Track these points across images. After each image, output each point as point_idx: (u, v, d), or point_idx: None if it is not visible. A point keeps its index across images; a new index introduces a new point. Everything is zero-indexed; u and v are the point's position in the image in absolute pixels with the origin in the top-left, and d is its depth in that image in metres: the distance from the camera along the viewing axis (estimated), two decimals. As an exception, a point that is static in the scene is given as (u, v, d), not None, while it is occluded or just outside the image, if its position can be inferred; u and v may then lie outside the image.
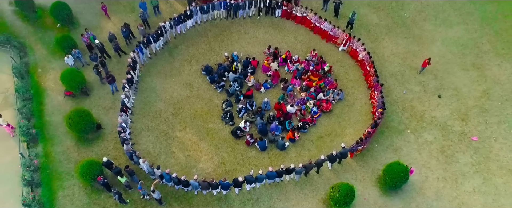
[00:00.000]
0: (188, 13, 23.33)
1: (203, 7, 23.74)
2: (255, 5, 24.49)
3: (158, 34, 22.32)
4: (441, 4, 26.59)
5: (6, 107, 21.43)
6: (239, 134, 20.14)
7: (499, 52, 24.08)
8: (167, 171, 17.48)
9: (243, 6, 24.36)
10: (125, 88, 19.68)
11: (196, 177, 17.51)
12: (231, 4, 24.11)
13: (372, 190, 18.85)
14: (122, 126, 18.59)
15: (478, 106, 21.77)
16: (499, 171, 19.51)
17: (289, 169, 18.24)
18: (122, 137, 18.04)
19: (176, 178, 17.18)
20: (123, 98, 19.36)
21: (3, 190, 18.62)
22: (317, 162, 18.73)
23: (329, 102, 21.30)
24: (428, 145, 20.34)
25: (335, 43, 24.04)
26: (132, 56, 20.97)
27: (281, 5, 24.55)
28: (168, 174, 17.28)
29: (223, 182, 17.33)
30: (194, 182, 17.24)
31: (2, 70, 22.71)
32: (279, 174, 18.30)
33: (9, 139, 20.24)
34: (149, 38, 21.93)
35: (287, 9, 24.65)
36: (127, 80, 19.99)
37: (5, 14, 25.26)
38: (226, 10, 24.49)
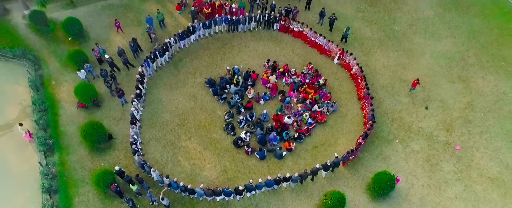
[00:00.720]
0: (191, 29, 24.85)
1: (206, 23, 25.28)
2: (255, 20, 26.01)
3: (164, 49, 23.86)
4: (431, 17, 28.11)
5: (23, 117, 23.08)
6: (240, 143, 21.80)
7: (484, 65, 25.65)
8: (175, 180, 19.16)
9: (244, 21, 25.90)
10: (134, 102, 21.31)
11: (202, 185, 19.17)
12: (232, 19, 25.65)
13: (362, 197, 20.54)
14: (134, 138, 20.22)
15: (462, 117, 23.40)
16: (479, 179, 21.20)
17: (286, 177, 19.94)
18: (133, 148, 19.70)
19: (183, 186, 18.88)
20: (132, 111, 20.99)
21: (24, 196, 20.32)
22: (312, 171, 20.40)
23: (323, 114, 22.92)
24: (414, 154, 22.01)
25: (329, 56, 25.60)
26: (140, 71, 22.54)
27: (279, 19, 26.07)
28: (176, 183, 18.97)
29: (227, 190, 19.03)
30: (200, 190, 18.93)
31: (19, 82, 24.33)
32: (276, 182, 20.00)
33: (27, 148, 21.89)
34: (156, 53, 23.50)
35: (285, 23, 26.17)
36: (135, 95, 21.60)
37: (19, 27, 26.83)
38: (227, 25, 26.02)
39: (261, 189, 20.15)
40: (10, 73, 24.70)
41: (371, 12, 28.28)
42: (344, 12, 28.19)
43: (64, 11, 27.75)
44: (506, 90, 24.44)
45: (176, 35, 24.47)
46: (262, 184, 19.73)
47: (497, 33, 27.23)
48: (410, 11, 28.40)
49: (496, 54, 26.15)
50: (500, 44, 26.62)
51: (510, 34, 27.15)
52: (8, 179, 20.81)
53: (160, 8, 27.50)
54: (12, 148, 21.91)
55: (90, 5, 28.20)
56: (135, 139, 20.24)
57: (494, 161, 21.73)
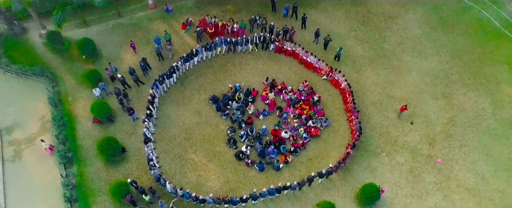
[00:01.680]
0: (194, 52, 27.01)
1: (207, 46, 27.40)
2: (251, 42, 28.14)
3: (171, 72, 26.02)
4: (419, 36, 30.26)
5: (43, 131, 25.34)
6: (241, 156, 24.08)
7: (466, 82, 27.85)
8: (187, 191, 21.49)
9: (241, 43, 28.03)
10: (145, 122, 23.52)
11: (212, 195, 21.55)
12: (231, 41, 27.79)
13: (351, 205, 22.84)
14: (149, 155, 22.46)
15: (444, 131, 25.65)
16: (457, 189, 23.49)
17: (286, 186, 22.28)
18: (150, 164, 21.93)
19: (195, 196, 21.21)
20: (144, 131, 23.20)
21: (48, 205, 22.62)
22: (309, 178, 22.73)
23: (317, 129, 25.18)
24: (399, 166, 24.29)
25: (319, 74, 27.74)
26: (151, 93, 24.74)
27: (274, 41, 28.20)
28: (189, 193, 21.33)
29: (235, 199, 21.37)
30: (210, 199, 21.30)
31: (38, 99, 26.56)
32: (278, 191, 22.32)
33: (47, 161, 24.16)
34: (163, 76, 25.66)
35: (279, 44, 28.28)
36: (146, 115, 23.81)
37: (37, 46, 29.02)
38: (226, 46, 28.15)
39: (264, 197, 22.41)
40: (30, 90, 26.91)
41: (363, 31, 30.41)
42: (338, 31, 30.33)
43: (78, 30, 29.91)
44: (485, 107, 26.64)
45: (181, 58, 26.58)
46: (265, 192, 22.04)
47: (479, 51, 29.36)
48: (400, 30, 30.53)
49: (478, 72, 28.32)
50: (481, 62, 28.77)
51: (491, 53, 29.27)
52: (32, 189, 23.09)
53: (167, 27, 29.77)
54: (35, 160, 24.19)
55: (102, 24, 30.33)
56: (150, 157, 22.44)
57: (471, 173, 24.00)
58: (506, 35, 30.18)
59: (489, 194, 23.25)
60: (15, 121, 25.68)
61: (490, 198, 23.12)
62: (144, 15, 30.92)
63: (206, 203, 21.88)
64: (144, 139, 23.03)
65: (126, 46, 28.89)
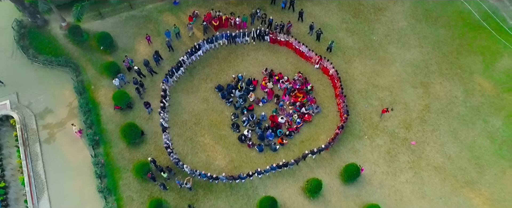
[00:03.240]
0: (198, 46, 30.24)
1: (209, 39, 30.56)
2: (249, 35, 31.25)
3: (178, 66, 29.42)
4: (404, 28, 33.29)
5: (72, 117, 29.19)
6: (243, 139, 28.11)
7: (443, 72, 31.30)
8: (203, 172, 25.70)
9: (240, 36, 31.17)
10: (161, 114, 27.31)
11: (224, 174, 25.87)
12: (230, 34, 30.92)
13: (336, 181, 27.12)
14: (166, 143, 26.48)
15: (419, 117, 29.49)
16: (426, 167, 27.71)
17: (285, 163, 26.51)
18: (168, 151, 25.99)
19: (210, 176, 25.49)
20: (161, 122, 27.03)
21: (81, 180, 26.94)
22: (303, 155, 26.95)
23: (309, 115, 29.01)
24: (378, 147, 28.37)
25: (310, 62, 31.11)
26: (163, 88, 28.32)
27: (268, 33, 31.28)
28: (205, 174, 25.56)
29: (243, 176, 25.65)
30: (222, 177, 25.61)
31: (64, 87, 30.16)
32: (279, 167, 26.57)
33: (78, 143, 28.19)
34: (172, 70, 29.06)
35: (273, 36, 31.40)
36: (160, 108, 27.56)
37: (58, 37, 32.18)
38: (227, 40, 31.30)
39: (267, 173, 26.68)
40: (57, 79, 30.43)
41: (354, 23, 33.39)
42: (331, 23, 33.31)
43: (94, 22, 32.94)
44: (458, 95, 30.30)
45: (187, 52, 29.84)
46: (268, 169, 26.33)
47: (458, 43, 32.54)
48: (387, 22, 33.50)
49: (454, 62, 31.68)
50: (459, 53, 32.06)
51: (468, 44, 32.48)
52: (67, 167, 27.31)
53: (175, 19, 32.79)
54: (67, 142, 28.24)
55: (116, 16, 33.27)
56: (167, 144, 26.47)
57: (440, 153, 28.14)
58: (484, 27, 33.24)
59: (453, 171, 27.51)
60: (46, 107, 29.45)
61: (453, 175, 27.41)
62: (154, 7, 33.75)
63: (220, 180, 26.15)
64: (161, 128, 26.91)
65: (139, 37, 32.05)
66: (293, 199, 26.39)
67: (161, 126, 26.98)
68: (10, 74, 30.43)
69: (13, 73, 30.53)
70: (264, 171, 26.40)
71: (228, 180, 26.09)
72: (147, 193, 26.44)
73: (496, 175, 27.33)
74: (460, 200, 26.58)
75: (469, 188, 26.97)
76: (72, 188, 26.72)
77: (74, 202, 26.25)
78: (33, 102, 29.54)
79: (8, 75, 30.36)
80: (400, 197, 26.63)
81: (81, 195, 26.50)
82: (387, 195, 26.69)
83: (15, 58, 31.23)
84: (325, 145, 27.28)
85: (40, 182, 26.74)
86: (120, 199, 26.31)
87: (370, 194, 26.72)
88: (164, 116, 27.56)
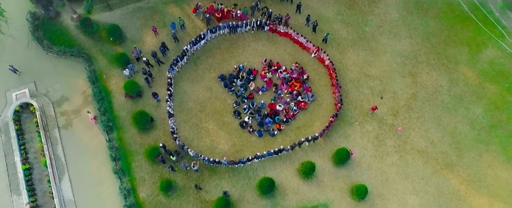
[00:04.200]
0: (202, 36, 32.36)
1: (212, 29, 32.69)
2: (250, 24, 33.31)
3: (182, 55, 31.66)
4: (396, 20, 35.25)
5: (86, 104, 31.71)
6: (244, 125, 30.74)
7: (430, 62, 33.55)
8: (206, 157, 28.43)
9: (241, 26, 33.24)
10: (168, 102, 29.83)
11: (225, 158, 28.60)
12: (232, 24, 32.98)
13: (328, 164, 29.92)
14: (173, 128, 29.11)
15: (406, 105, 31.99)
16: (411, 151, 30.48)
17: (281, 149, 29.25)
18: (174, 136, 28.67)
19: (213, 160, 28.26)
20: (168, 109, 29.57)
21: (97, 162, 29.77)
22: (299, 142, 29.66)
23: (305, 103, 31.52)
24: (368, 133, 31.04)
25: (309, 51, 33.34)
26: (168, 76, 30.66)
27: (268, 24, 33.34)
28: (208, 159, 28.32)
29: (243, 160, 28.44)
30: (224, 161, 28.36)
31: (78, 76, 32.52)
32: (275, 153, 29.34)
33: (93, 128, 30.83)
34: (177, 59, 31.33)
35: (272, 26, 33.46)
36: (168, 96, 30.02)
37: (70, 29, 34.24)
38: (229, 29, 33.39)
39: (265, 158, 29.46)
40: (71, 69, 32.74)
41: (348, 15, 35.33)
42: (327, 14, 35.25)
43: (103, 13, 34.90)
44: (443, 84, 32.68)
45: (190, 42, 31.99)
46: (266, 154, 29.09)
47: (446, 34, 34.60)
48: (380, 14, 35.42)
49: (442, 53, 33.87)
50: (446, 44, 34.18)
51: (456, 35, 34.55)
52: (84, 150, 30.09)
53: (179, 11, 34.73)
54: (83, 128, 30.90)
55: (123, 7, 35.18)
56: (173, 129, 29.12)
57: (423, 138, 30.83)
58: (471, 19, 35.22)
59: (434, 155, 30.31)
60: (62, 95, 31.93)
61: (435, 158, 30.22)
62: (159, -1, 35.61)
63: (222, 164, 28.96)
64: (168, 115, 29.50)
65: (146, 29, 34.10)
66: (289, 179, 29.30)
67: (168, 113, 29.54)
68: (27, 64, 32.69)
69: (30, 63, 32.79)
70: (262, 156, 29.17)
71: (230, 165, 28.87)
72: (158, 174, 29.32)
73: (473, 158, 30.13)
74: (440, 181, 29.49)
75: (449, 170, 29.83)
76: (89, 170, 29.58)
77: (93, 182, 29.18)
78: (50, 91, 31.99)
79: (25, 65, 32.63)
80: (386, 178, 29.55)
81: (98, 176, 29.39)
82: (374, 176, 29.58)
83: (31, 49, 33.40)
84: (319, 133, 29.92)
85: (61, 164, 29.58)
86: (134, 179, 29.22)
87: (359, 175, 29.60)
88: (170, 103, 30.06)
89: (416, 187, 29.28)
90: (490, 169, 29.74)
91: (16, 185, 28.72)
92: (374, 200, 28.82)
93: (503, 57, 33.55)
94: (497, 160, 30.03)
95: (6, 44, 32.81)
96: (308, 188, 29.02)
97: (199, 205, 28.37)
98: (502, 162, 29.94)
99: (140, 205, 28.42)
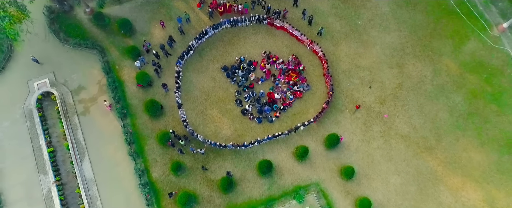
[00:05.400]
0: (205, 32, 35.11)
1: (214, 25, 35.38)
2: (249, 20, 35.99)
3: (188, 49, 34.54)
4: (386, 13, 37.85)
5: (101, 93, 34.85)
6: (245, 113, 34.05)
7: (417, 54, 36.46)
8: (214, 142, 31.87)
9: (241, 21, 35.93)
10: (176, 93, 32.98)
11: (231, 143, 32.05)
12: (233, 20, 35.67)
13: (321, 147, 33.42)
14: (183, 117, 32.42)
15: (392, 94, 35.16)
16: (395, 136, 33.93)
17: (279, 134, 32.71)
18: (184, 124, 32.02)
19: (220, 144, 31.73)
20: (177, 100, 32.77)
21: (114, 146, 33.25)
22: (295, 127, 33.11)
23: (301, 92, 34.69)
24: (357, 119, 34.37)
25: (303, 43, 36.20)
26: (177, 70, 33.67)
27: (266, 18, 36.02)
28: (215, 143, 31.77)
29: (246, 144, 31.94)
30: (230, 145, 31.86)
31: (93, 67, 35.51)
32: (274, 137, 32.81)
33: (108, 115, 34.09)
34: (183, 53, 34.26)
35: (270, 21, 36.15)
36: (176, 88, 33.16)
37: (83, 22, 36.93)
38: (229, 24, 36.08)
39: (265, 142, 32.92)
40: (86, 60, 35.66)
41: (342, 9, 37.90)
42: (322, 8, 37.82)
43: (114, 7, 37.48)
44: (427, 74, 35.73)
45: (195, 38, 34.78)
46: (266, 138, 32.55)
47: (432, 27, 37.31)
48: (371, 7, 37.97)
49: (427, 45, 36.71)
50: (432, 37, 36.96)
51: (441, 28, 37.26)
52: (101, 135, 33.49)
53: (184, 5, 37.31)
54: (99, 114, 34.17)
55: (132, 1, 37.72)
56: (184, 117, 32.44)
57: (407, 124, 34.21)
58: (456, 12, 37.82)
59: (416, 139, 33.78)
60: (79, 84, 35.03)
61: (416, 142, 33.71)
62: (166, -8, 38.07)
63: (227, 148, 32.46)
64: (177, 105, 32.78)
65: (154, 22, 36.81)
66: (286, 161, 32.93)
67: (177, 103, 32.80)
68: (45, 56, 35.59)
69: (48, 55, 35.68)
70: (262, 140, 32.65)
71: (234, 148, 32.40)
72: (168, 156, 32.89)
73: (450, 142, 33.63)
74: (419, 163, 33.11)
75: (428, 153, 33.39)
76: (107, 152, 33.11)
77: (110, 163, 32.79)
78: (68, 80, 35.07)
79: (44, 56, 35.53)
80: (371, 160, 33.16)
81: (115, 158, 32.96)
82: (361, 158, 33.18)
83: (48, 41, 36.18)
84: (313, 118, 33.29)
85: (81, 147, 33.09)
86: (146, 161, 32.83)
87: (347, 157, 33.19)
88: (178, 94, 33.27)
89: (398, 168, 32.92)
90: (465, 152, 33.28)
91: (43, 166, 32.31)
92: (361, 180, 32.54)
93: (484, 49, 36.40)
94: (472, 144, 33.52)
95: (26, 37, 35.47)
96: (302, 169, 32.67)
97: (205, 184, 32.10)
98: (476, 146, 33.44)
99: (153, 183, 32.15)
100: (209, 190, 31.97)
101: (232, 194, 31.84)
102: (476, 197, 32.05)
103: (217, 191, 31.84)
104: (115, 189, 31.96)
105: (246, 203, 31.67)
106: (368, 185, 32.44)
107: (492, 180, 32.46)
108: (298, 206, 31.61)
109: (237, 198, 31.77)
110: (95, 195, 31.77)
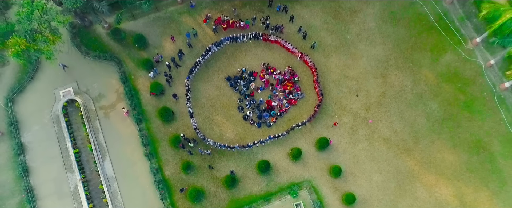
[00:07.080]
0: (208, 49, 39.56)
1: (216, 43, 39.78)
2: (247, 37, 40.43)
3: (195, 65, 39.05)
4: (373, 28, 42.25)
5: (119, 100, 39.45)
6: (246, 118, 38.72)
7: (399, 65, 40.96)
8: (222, 144, 36.56)
9: (240, 37, 40.37)
10: (188, 104, 37.59)
11: (238, 144, 36.74)
12: (233, 37, 40.11)
13: (312, 148, 38.13)
14: (194, 125, 37.08)
15: (377, 101, 39.77)
16: (378, 139, 38.62)
17: (278, 135, 37.40)
18: (196, 131, 36.69)
19: (228, 146, 36.44)
20: (189, 110, 37.38)
21: (131, 147, 37.98)
22: (292, 128, 37.82)
23: (295, 100, 39.32)
24: (344, 124, 39.03)
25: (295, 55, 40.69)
26: (186, 84, 38.20)
27: (261, 35, 40.46)
28: (224, 145, 36.48)
29: (250, 145, 36.66)
30: (237, 146, 36.56)
31: (111, 77, 40.04)
32: (274, 137, 37.52)
33: (126, 120, 38.72)
34: (192, 69, 38.76)
35: (265, 36, 40.57)
36: (187, 99, 37.76)
37: (102, 36, 41.37)
38: (229, 40, 40.52)
39: (266, 142, 37.63)
40: (105, 71, 40.18)
41: (333, 24, 42.29)
42: (315, 23, 42.20)
43: (129, 22, 41.85)
44: (407, 84, 40.28)
45: (201, 55, 39.22)
46: (267, 139, 37.25)
47: (413, 41, 41.73)
48: (360, 23, 42.35)
49: (408, 57, 41.17)
50: (413, 50, 41.41)
51: (421, 42, 41.65)
52: (120, 138, 38.17)
53: (192, 21, 41.73)
54: (118, 119, 38.81)
55: (145, 17, 42.07)
56: (195, 126, 37.10)
57: (388, 128, 38.89)
58: (435, 28, 42.16)
59: (396, 142, 38.49)
60: (100, 92, 39.60)
61: (396, 144, 38.43)
62: (175, 9, 42.38)
63: (234, 149, 37.15)
64: (189, 114, 37.44)
65: (165, 36, 41.23)
66: (282, 161, 37.70)
67: (189, 112, 37.46)
68: (69, 66, 40.09)
69: (71, 66, 40.16)
70: (264, 141, 37.40)
71: (240, 148, 37.13)
72: (179, 156, 37.64)
73: (427, 144, 38.34)
74: (399, 162, 37.87)
75: (406, 154, 38.13)
76: (125, 153, 37.84)
77: (128, 163, 37.54)
78: (90, 89, 39.64)
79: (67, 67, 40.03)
80: (357, 160, 37.92)
81: (132, 158, 37.70)
82: (348, 158, 37.94)
83: (70, 54, 40.62)
84: (307, 119, 37.99)
85: (103, 149, 37.80)
86: (160, 160, 37.60)
87: (335, 157, 37.94)
88: (190, 105, 37.91)
89: (380, 167, 37.69)
90: (439, 153, 38.02)
91: (70, 165, 37.06)
92: (347, 177, 37.35)
93: (459, 61, 40.88)
94: (445, 146, 38.24)
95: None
96: (296, 167, 37.46)
97: (212, 181, 36.93)
98: (449, 148, 38.17)
99: (166, 180, 36.97)
100: (215, 186, 36.80)
101: (235, 190, 36.69)
102: (448, 192, 36.89)
103: (222, 187, 36.67)
104: (133, 185, 36.78)
105: (247, 197, 36.54)
106: (353, 182, 37.24)
107: (462, 177, 37.26)
108: (292, 200, 36.45)
109: (239, 193, 36.62)
110: (116, 190, 36.58)
